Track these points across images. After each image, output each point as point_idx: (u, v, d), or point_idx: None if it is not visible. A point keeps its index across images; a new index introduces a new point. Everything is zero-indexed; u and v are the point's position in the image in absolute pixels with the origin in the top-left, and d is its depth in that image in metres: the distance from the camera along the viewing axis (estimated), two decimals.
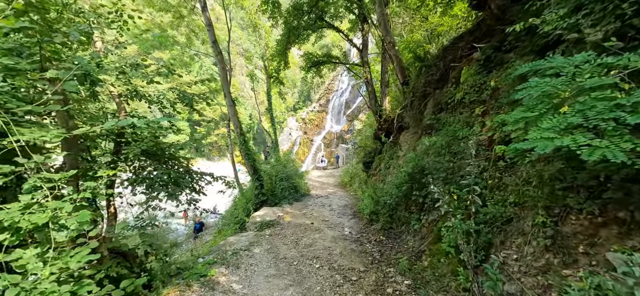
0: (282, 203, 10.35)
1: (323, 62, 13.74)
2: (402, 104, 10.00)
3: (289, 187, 11.74)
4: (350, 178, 18.54)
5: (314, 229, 7.77)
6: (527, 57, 4.82)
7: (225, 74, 9.90)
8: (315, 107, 49.01)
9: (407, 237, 6.50)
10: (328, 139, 41.54)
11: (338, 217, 8.95)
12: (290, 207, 10.10)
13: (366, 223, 8.09)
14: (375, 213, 7.79)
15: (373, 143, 13.37)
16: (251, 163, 10.10)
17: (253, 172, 10.16)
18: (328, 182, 20.89)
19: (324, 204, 10.83)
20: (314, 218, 8.89)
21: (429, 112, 8.45)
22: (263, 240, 7.03)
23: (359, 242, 6.84)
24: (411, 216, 6.47)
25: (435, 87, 8.31)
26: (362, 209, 8.92)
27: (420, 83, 8.79)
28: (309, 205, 10.57)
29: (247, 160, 10.14)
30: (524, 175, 4.10)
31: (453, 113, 7.10)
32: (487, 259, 4.03)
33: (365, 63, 12.42)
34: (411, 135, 9.19)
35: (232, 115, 10.04)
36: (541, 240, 3.43)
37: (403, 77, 9.99)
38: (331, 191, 16.60)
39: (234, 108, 10.04)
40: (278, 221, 8.54)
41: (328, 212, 9.57)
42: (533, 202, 3.75)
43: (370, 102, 12.46)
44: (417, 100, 8.96)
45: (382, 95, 12.03)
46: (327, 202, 11.49)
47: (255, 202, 9.93)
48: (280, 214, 9.08)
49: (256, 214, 9.00)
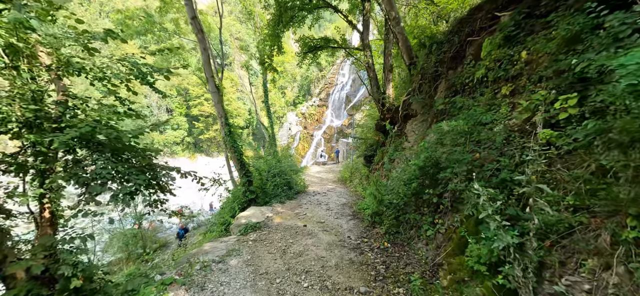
0: (273, 202, 9.18)
1: (320, 47, 12.46)
2: (409, 89, 8.76)
3: (283, 183, 10.56)
4: (350, 174, 17.37)
5: (306, 233, 6.59)
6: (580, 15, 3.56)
7: (207, 56, 8.68)
8: (316, 102, 47.75)
9: (417, 245, 5.30)
10: (328, 134, 40.38)
11: (335, 218, 7.76)
12: (282, 206, 8.92)
13: (368, 225, 6.90)
14: (378, 215, 6.60)
15: (375, 134, 12.15)
16: (238, 157, 8.91)
17: (240, 167, 8.98)
18: (327, 177, 19.71)
19: (320, 202, 9.64)
20: (307, 219, 7.70)
21: (441, 96, 7.22)
22: (244, 248, 5.85)
23: (360, 250, 5.65)
24: (423, 219, 5.27)
25: (448, 67, 7.06)
26: (363, 209, 7.73)
27: (430, 63, 7.54)
28: (303, 204, 9.38)
29: (233, 153, 8.95)
30: (591, 166, 2.88)
31: (472, 95, 5.90)
32: (540, 286, 2.84)
33: (366, 46, 11.15)
34: (419, 124, 7.96)
35: (216, 103, 8.83)
36: (637, 264, 2.23)
37: (409, 57, 8.74)
38: (330, 187, 15.42)
39: (217, 96, 8.84)
40: (266, 223, 7.36)
41: (324, 212, 8.38)
42: (613, 206, 2.55)
43: (372, 90, 11.20)
44: (426, 83, 7.72)
45: (385, 81, 10.78)
46: (325, 199, 10.31)
47: (242, 201, 8.76)
48: (269, 215, 7.90)
49: (242, 215, 7.82)
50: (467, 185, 3.97)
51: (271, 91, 54.34)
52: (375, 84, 11.16)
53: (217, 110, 8.91)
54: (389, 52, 10.40)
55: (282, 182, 10.55)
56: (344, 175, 18.66)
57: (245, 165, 8.98)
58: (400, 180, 5.82)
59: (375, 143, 11.87)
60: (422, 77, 7.86)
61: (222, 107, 8.90)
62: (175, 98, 47.45)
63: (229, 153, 9.12)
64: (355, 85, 44.74)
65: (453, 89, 6.74)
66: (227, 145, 8.96)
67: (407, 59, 8.79)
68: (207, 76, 8.77)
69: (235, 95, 50.67)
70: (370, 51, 11.18)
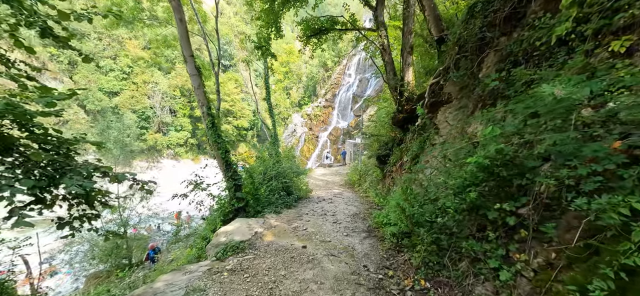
0: (267, 212, 7.26)
1: (326, 30, 10.56)
2: (438, 68, 6.79)
3: (280, 187, 8.66)
4: (359, 177, 15.40)
5: (305, 259, 4.65)
6: None
7: (184, 29, 6.85)
8: (321, 102, 45.92)
9: (477, 288, 3.32)
10: (334, 135, 38.49)
11: (345, 235, 5.81)
12: (277, 218, 7.00)
13: (391, 248, 4.93)
14: (406, 235, 4.63)
15: (390, 130, 10.17)
16: (222, 156, 7.04)
17: (225, 167, 7.11)
18: (333, 180, 17.76)
19: (325, 212, 7.70)
20: (308, 237, 5.77)
21: (488, 71, 5.24)
22: (213, 286, 3.94)
23: (384, 292, 3.70)
24: (488, 249, 3.28)
25: (501, 32, 5.09)
26: (383, 223, 5.77)
27: (472, 30, 5.57)
28: (304, 214, 7.46)
29: (216, 150, 7.09)
30: None
31: (546, 64, 3.99)
32: None
33: (381, 25, 9.21)
34: (456, 112, 5.97)
35: (196, 87, 7.00)
36: None
37: (438, 30, 6.80)
38: (336, 192, 13.47)
39: (198, 79, 7.00)
40: (253, 242, 5.45)
41: (330, 226, 6.43)
42: None
43: (388, 76, 9.24)
44: (466, 57, 5.74)
45: (404, 65, 8.82)
46: (331, 208, 8.36)
47: (226, 210, 6.88)
48: (258, 230, 5.99)
49: (223, 230, 5.94)
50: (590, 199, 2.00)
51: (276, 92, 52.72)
52: (391, 70, 9.20)
53: (198, 96, 7.08)
54: (409, 29, 8.44)
55: (280, 187, 8.65)
56: (351, 178, 16.70)
57: (231, 166, 7.11)
58: (448, 187, 3.84)
59: (390, 140, 9.90)
60: (459, 50, 5.89)
61: (203, 93, 7.06)
62: (179, 99, 46.13)
63: (212, 149, 7.25)
64: (361, 85, 42.83)
65: (509, 60, 4.78)
66: (209, 140, 7.10)
67: (436, 32, 6.84)
68: (185, 55, 6.94)
69: (239, 96, 49.16)
70: (385, 30, 9.24)
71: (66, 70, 41.45)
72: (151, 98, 43.55)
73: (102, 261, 12.97)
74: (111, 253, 12.96)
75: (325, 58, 49.55)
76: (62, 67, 41.07)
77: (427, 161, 6.45)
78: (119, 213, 13.58)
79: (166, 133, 44.46)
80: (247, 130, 49.68)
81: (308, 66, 53.51)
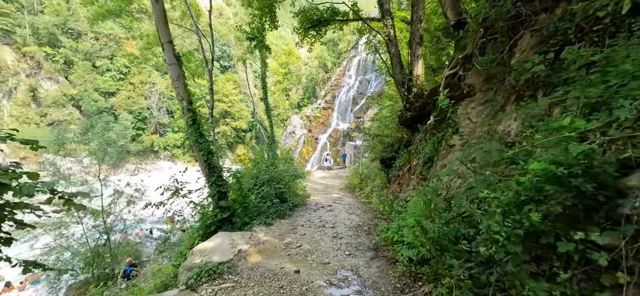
0: (256, 223, 6.20)
1: (326, 21, 9.57)
2: (456, 58, 5.78)
3: (273, 194, 7.62)
4: (360, 180, 14.37)
5: (297, 291, 3.62)
6: None
7: (161, 10, 5.84)
8: (321, 104, 44.96)
9: None
10: (334, 137, 37.50)
11: (348, 255, 4.77)
12: (267, 230, 5.96)
13: (404, 275, 3.89)
14: (426, 262, 3.59)
15: (396, 131, 9.16)
16: (205, 158, 6.00)
17: (208, 171, 6.06)
18: (333, 184, 16.74)
19: (324, 223, 6.66)
20: (303, 256, 4.73)
21: (524, 56, 4.24)
22: None
23: None
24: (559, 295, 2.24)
25: (542, 6, 4.08)
26: (390, 238, 4.73)
27: (503, 8, 4.56)
28: (299, 226, 6.41)
29: (198, 151, 6.05)
30: None
31: (612, 39, 3.02)
32: None
33: (387, 13, 8.22)
34: (481, 106, 4.94)
35: (175, 78, 5.98)
36: None
37: (456, 12, 5.81)
38: (336, 196, 12.45)
39: (178, 69, 5.98)
40: (234, 264, 4.41)
41: (330, 241, 5.39)
42: None
43: (394, 70, 8.23)
44: (494, 41, 4.74)
45: (413, 57, 7.82)
46: (330, 217, 7.33)
47: (208, 222, 5.82)
48: (243, 247, 4.95)
49: (201, 247, 4.89)
50: None
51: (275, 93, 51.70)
52: (398, 63, 8.19)
53: (177, 88, 6.05)
54: (419, 17, 7.45)
55: (274, 193, 7.60)
56: (352, 182, 15.67)
57: (215, 170, 6.06)
58: (489, 202, 2.78)
59: (396, 142, 8.88)
60: (485, 32, 4.88)
61: (183, 85, 6.04)
62: None
63: (193, 150, 6.20)
64: (362, 86, 41.90)
65: (554, 41, 3.78)
66: (190, 139, 6.07)
67: (453, 16, 5.85)
68: (162, 41, 5.93)
69: (238, 97, 48.15)
70: (391, 19, 8.24)
71: (62, 70, 40.44)
72: (148, 99, 42.53)
73: (84, 272, 11.89)
74: (93, 262, 11.89)
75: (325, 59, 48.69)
76: (57, 66, 40.07)
77: (443, 165, 5.43)
78: (103, 219, 12.53)
79: (163, 135, 43.40)
80: (245, 132, 48.65)
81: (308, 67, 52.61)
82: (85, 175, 12.77)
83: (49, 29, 39.48)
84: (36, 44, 38.65)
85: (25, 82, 37.42)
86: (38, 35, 39.32)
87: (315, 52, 54.01)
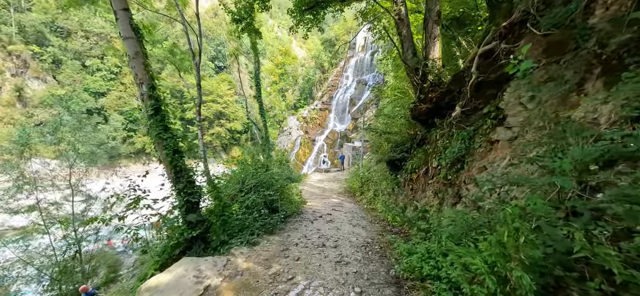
0: (236, 242, 4.76)
1: (324, 3, 8.21)
2: (492, 30, 4.43)
3: (262, 203, 6.19)
4: (361, 184, 13.02)
5: None
6: None
7: None
8: (318, 105, 43.64)
9: None
10: (331, 139, 36.17)
11: (358, 293, 3.36)
12: (249, 254, 4.51)
13: None
14: None
15: (407, 127, 7.81)
16: (169, 159, 4.57)
17: (175, 176, 4.63)
18: (331, 187, 15.33)
19: (324, 240, 5.24)
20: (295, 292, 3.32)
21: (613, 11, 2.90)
22: None
23: None
24: None
25: None
26: (417, 268, 3.35)
27: None
28: (292, 245, 4.98)
29: (161, 149, 4.62)
30: None
31: None
32: None
33: None
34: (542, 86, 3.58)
35: (132, 56, 4.55)
36: None
37: None
38: (335, 202, 11.06)
39: (136, 44, 4.57)
40: None
41: (332, 270, 3.97)
42: None
43: (405, 54, 6.88)
44: None
45: (428, 39, 6.49)
46: (331, 230, 5.92)
47: (172, 244, 4.37)
48: (213, 282, 3.51)
49: (154, 282, 3.45)
50: None
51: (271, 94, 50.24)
52: (410, 46, 6.85)
53: (134, 68, 4.63)
54: None
55: (262, 201, 6.17)
56: (352, 186, 14.30)
57: (183, 174, 4.63)
58: None
59: (407, 140, 7.51)
60: None
61: (142, 64, 4.63)
62: (170, 100, 43.42)
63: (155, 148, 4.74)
64: (359, 87, 40.68)
65: None
66: (150, 133, 4.64)
67: None
68: (115, 8, 4.51)
69: (233, 98, 46.62)
70: None
71: (50, 69, 38.65)
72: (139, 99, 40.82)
73: (48, 289, 10.31)
74: (60, 278, 10.32)
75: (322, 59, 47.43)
76: (45, 66, 38.27)
77: (481, 168, 4.06)
78: (73, 228, 10.98)
79: None
80: (240, 133, 47.08)
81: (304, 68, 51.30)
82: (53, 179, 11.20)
83: (36, 27, 37.77)
84: (23, 43, 36.87)
85: (10, 81, 35.60)
86: (25, 33, 37.58)
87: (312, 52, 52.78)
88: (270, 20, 62.75)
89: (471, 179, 4.09)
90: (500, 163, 3.69)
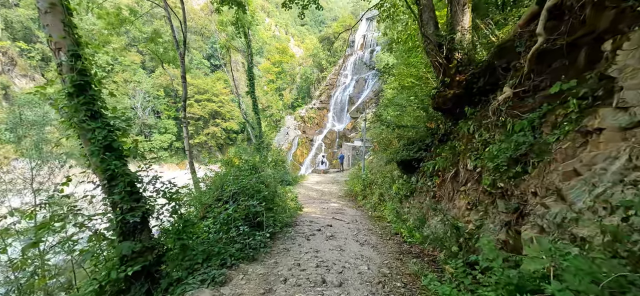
0: (197, 281, 3.27)
1: None
2: None
3: (242, 216, 4.69)
4: (363, 187, 11.56)
5: None
6: None
7: None
8: (316, 104, 42.12)
9: None
10: (330, 139, 34.72)
11: None
12: (221, 291, 3.04)
13: None
14: None
15: (425, 120, 6.35)
16: (98, 159, 3.10)
17: (108, 185, 3.15)
18: (330, 190, 13.86)
19: (323, 273, 3.77)
20: None
21: None
22: None
23: None
24: None
25: None
26: None
27: None
28: (278, 282, 3.49)
29: (86, 144, 3.16)
30: None
31: None
32: None
33: None
34: None
35: (43, 11, 3.08)
36: None
37: None
38: (335, 207, 9.62)
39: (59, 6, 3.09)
40: None
41: None
42: None
43: (425, 28, 5.42)
44: None
45: (455, 6, 5.04)
46: (332, 254, 4.46)
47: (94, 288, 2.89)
48: None
49: None
50: None
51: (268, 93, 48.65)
52: (431, 18, 5.40)
53: (48, 28, 3.14)
54: None
55: (239, 217, 4.66)
56: (353, 188, 12.84)
57: (118, 179, 3.14)
58: None
59: (426, 135, 6.06)
60: None
61: (60, 23, 3.15)
62: (164, 99, 41.81)
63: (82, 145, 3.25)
64: (358, 86, 39.27)
65: None
66: (70, 119, 3.14)
67: None
68: None
69: (229, 97, 45.01)
70: None
71: (38, 67, 36.87)
72: (132, 98, 39.11)
73: None
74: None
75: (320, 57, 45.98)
76: (33, 63, 36.49)
77: (572, 172, 2.62)
78: None
79: (148, 136, 39.97)
80: (236, 133, 45.47)
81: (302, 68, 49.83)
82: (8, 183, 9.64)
83: (24, 22, 36.01)
84: (9, 39, 35.08)
85: None
86: (12, 29, 35.80)
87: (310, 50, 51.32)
88: (268, 19, 61.23)
89: (551, 189, 2.64)
90: (610, 164, 2.26)
